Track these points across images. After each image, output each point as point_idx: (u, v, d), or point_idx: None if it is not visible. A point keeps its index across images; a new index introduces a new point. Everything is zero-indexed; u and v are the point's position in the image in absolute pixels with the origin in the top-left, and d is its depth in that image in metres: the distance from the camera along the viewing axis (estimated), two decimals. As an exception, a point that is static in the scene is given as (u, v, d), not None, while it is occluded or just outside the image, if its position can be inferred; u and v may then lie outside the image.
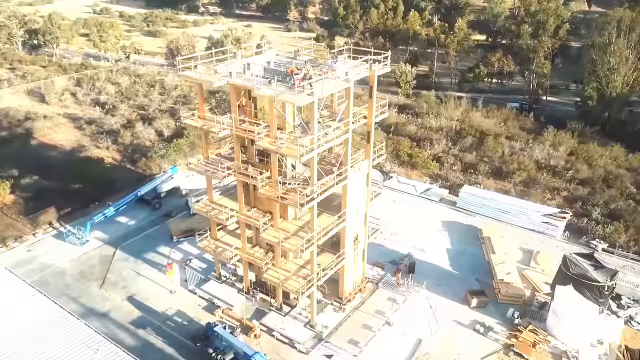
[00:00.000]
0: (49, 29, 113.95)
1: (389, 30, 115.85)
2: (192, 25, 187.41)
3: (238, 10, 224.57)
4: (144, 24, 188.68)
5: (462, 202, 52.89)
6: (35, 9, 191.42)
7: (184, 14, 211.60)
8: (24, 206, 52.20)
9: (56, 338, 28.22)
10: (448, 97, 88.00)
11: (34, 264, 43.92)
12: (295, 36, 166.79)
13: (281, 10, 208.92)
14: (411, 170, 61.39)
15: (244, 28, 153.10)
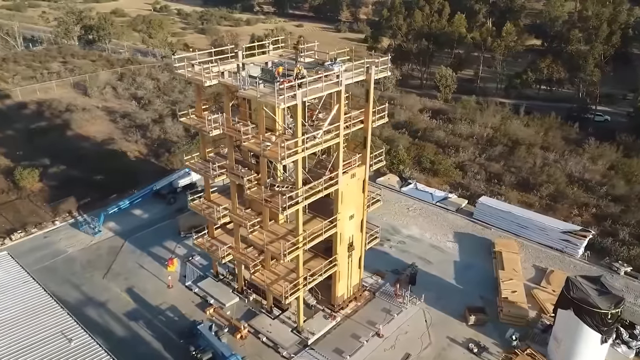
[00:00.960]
0: (102, 25, 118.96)
1: (434, 32, 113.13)
2: (244, 24, 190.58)
3: (291, 10, 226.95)
4: (198, 21, 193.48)
5: (479, 213, 50.75)
6: (97, 5, 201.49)
7: (238, 13, 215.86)
8: (49, 194, 54.62)
9: (36, 325, 29.15)
10: (488, 103, 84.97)
11: (48, 250, 45.80)
12: (344, 37, 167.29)
13: (333, 10, 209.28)
14: (432, 178, 59.56)
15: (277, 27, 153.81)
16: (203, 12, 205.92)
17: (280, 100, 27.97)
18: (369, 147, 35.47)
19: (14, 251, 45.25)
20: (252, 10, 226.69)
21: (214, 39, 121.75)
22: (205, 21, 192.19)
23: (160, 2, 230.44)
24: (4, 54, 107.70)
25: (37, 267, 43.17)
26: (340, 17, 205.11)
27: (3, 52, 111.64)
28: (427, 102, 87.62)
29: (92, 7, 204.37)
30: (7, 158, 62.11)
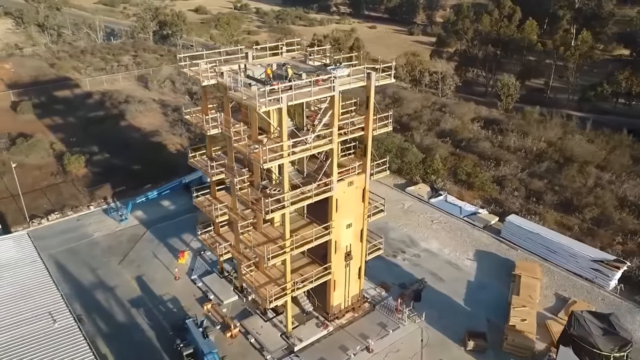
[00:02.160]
0: (175, 22, 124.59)
1: (502, 38, 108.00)
2: (317, 24, 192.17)
3: (367, 12, 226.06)
4: (274, 20, 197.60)
5: (506, 232, 47.79)
6: (180, 3, 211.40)
7: (314, 13, 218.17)
8: (91, 180, 58.00)
9: (29, 303, 31.05)
10: (552, 115, 79.73)
11: (77, 233, 48.61)
12: (416, 40, 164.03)
13: (408, 13, 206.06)
14: (467, 191, 56.81)
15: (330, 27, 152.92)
16: (280, 11, 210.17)
17: (261, 103, 27.74)
18: (369, 155, 34.34)
19: (47, 231, 48.84)
20: (328, 10, 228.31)
21: (278, 38, 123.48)
22: (280, 20, 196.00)
23: (241, 1, 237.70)
24: (84, 47, 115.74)
25: (62, 248, 46.11)
26: (416, 20, 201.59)
27: (85, 44, 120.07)
28: (483, 110, 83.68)
29: (175, 5, 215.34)
30: (62, 143, 66.77)
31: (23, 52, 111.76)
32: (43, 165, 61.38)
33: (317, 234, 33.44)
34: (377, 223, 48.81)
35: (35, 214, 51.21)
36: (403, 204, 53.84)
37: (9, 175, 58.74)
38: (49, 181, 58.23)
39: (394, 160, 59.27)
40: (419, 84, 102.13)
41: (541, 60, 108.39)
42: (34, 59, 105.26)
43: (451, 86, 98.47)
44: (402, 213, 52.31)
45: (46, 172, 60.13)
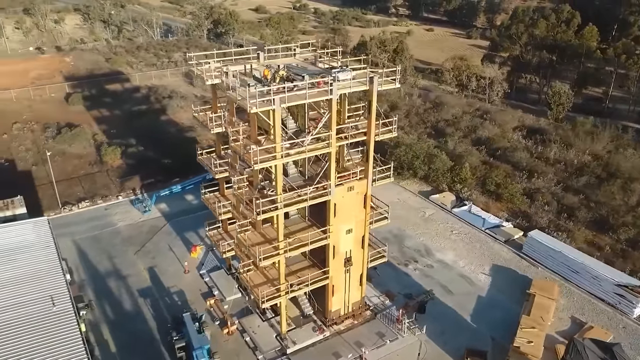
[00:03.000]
0: (228, 20, 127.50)
1: (558, 44, 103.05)
2: (374, 25, 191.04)
3: (426, 14, 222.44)
4: (330, 21, 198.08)
5: (528, 248, 45.55)
6: (242, 1, 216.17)
7: (372, 14, 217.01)
8: (124, 171, 60.37)
9: (34, 286, 32.64)
10: (606, 127, 75.28)
11: (101, 222, 50.73)
12: (473, 43, 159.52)
13: (468, 16, 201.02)
14: (494, 202, 54.60)
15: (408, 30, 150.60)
16: (337, 12, 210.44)
17: (252, 104, 27.80)
18: (371, 160, 33.68)
19: (76, 218, 51.27)
20: (387, 12, 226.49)
21: (325, 39, 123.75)
22: (337, 21, 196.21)
23: (300, 1, 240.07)
24: (140, 43, 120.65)
25: (86, 235, 48.27)
26: (475, 23, 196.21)
27: (142, 41, 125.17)
28: (528, 119, 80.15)
29: (236, 3, 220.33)
30: (104, 134, 69.91)
31: (84, 47, 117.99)
32: (83, 155, 64.50)
33: (313, 237, 33.15)
34: (393, 230, 48.24)
35: (68, 201, 53.88)
36: (424, 212, 52.47)
37: (50, 163, 62.29)
38: (86, 170, 61.13)
39: (421, 167, 57.90)
40: (466, 89, 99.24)
41: (600, 68, 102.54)
42: (92, 53, 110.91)
43: (499, 92, 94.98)
44: (421, 221, 50.99)
45: (85, 161, 63.16)
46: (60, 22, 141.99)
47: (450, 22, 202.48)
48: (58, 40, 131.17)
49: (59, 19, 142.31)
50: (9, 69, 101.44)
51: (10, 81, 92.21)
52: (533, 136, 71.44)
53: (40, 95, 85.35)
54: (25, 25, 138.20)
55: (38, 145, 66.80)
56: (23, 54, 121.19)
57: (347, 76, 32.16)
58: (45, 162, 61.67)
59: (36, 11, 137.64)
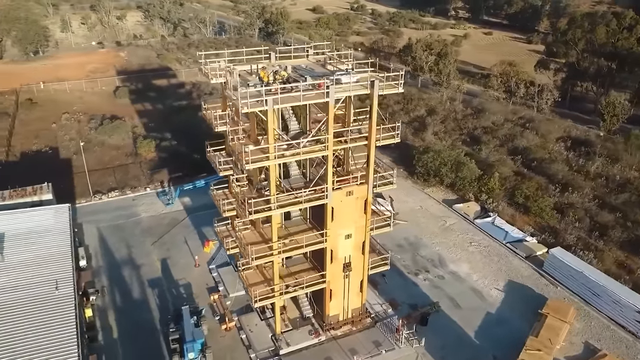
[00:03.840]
0: (278, 20, 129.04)
1: (619, 51, 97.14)
2: (430, 28, 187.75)
3: (486, 17, 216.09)
4: (386, 22, 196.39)
5: (549, 266, 43.24)
6: (300, 1, 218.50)
7: (430, 16, 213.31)
8: (156, 164, 62.39)
9: (43, 269, 34.41)
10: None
11: (127, 211, 52.64)
12: (533, 49, 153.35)
13: (531, 19, 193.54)
14: (522, 215, 52.21)
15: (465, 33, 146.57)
16: (394, 13, 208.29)
17: (243, 104, 27.93)
18: (371, 166, 33.01)
19: (104, 206, 53.51)
20: (445, 14, 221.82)
21: (373, 40, 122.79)
22: (393, 22, 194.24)
23: (359, 2, 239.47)
24: (192, 40, 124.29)
25: (110, 224, 50.24)
26: (538, 28, 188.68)
27: (194, 38, 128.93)
28: (575, 130, 76.17)
29: (294, 3, 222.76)
30: (143, 128, 72.55)
31: (139, 42, 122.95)
32: (121, 146, 67.19)
33: (309, 240, 32.94)
34: (409, 237, 47.28)
35: (99, 190, 56.30)
36: (445, 221, 50.94)
37: (89, 153, 65.34)
38: (121, 161, 63.65)
39: (448, 174, 56.24)
40: (514, 95, 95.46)
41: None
42: (146, 49, 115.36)
43: (548, 101, 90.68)
44: (440, 230, 49.53)
45: (122, 152, 65.78)
46: (122, 18, 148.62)
47: (512, 26, 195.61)
48: (118, 36, 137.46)
49: (121, 16, 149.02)
50: (69, 62, 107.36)
51: (68, 73, 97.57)
52: (577, 148, 67.79)
53: (92, 88, 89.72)
54: (90, 21, 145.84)
55: (82, 135, 70.15)
56: (85, 47, 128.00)
57: (350, 79, 31.67)
58: (87, 151, 64.87)
59: (101, 8, 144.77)
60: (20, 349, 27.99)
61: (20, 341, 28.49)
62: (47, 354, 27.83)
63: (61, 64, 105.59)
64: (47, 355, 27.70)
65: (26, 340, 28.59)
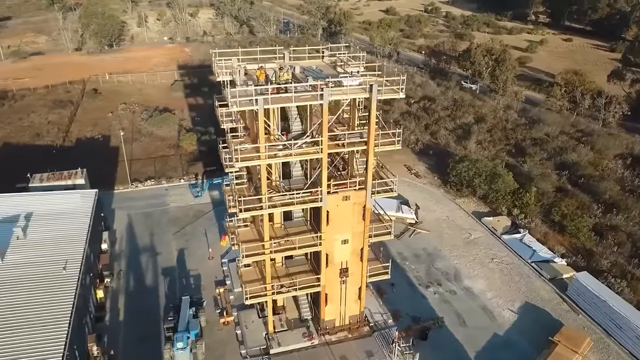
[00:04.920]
0: (340, 20, 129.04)
1: None
2: (505, 32, 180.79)
3: (568, 22, 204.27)
4: (459, 26, 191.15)
5: (573, 291, 40.25)
6: (375, 3, 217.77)
7: (507, 20, 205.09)
8: (195, 156, 64.45)
9: (56, 248, 36.52)
10: None
11: (158, 200, 54.78)
12: (615, 57, 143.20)
13: (618, 27, 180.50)
14: (556, 234, 48.96)
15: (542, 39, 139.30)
16: (469, 16, 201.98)
17: (233, 102, 28.19)
18: (370, 171, 32.16)
19: (138, 194, 56.10)
20: (524, 19, 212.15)
21: (435, 44, 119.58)
22: (466, 26, 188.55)
23: (434, 4, 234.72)
24: (254, 38, 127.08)
25: (140, 211, 52.49)
26: (625, 35, 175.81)
27: (259, 36, 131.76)
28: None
29: (368, 4, 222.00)
30: (191, 121, 75.22)
31: (205, 39, 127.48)
32: (167, 138, 70.04)
33: (303, 242, 32.74)
34: (428, 248, 46.08)
35: (138, 178, 59.01)
36: (470, 234, 48.79)
37: (137, 142, 68.70)
38: (164, 152, 66.33)
39: (481, 186, 53.80)
40: (578, 106, 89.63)
41: None
42: (209, 45, 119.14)
43: (616, 113, 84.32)
44: (463, 243, 47.49)
45: (166, 143, 68.54)
46: (195, 15, 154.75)
47: (595, 32, 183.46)
48: (189, 32, 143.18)
49: (194, 13, 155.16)
50: (137, 55, 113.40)
51: (134, 66, 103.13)
52: (638, 167, 62.56)
53: (153, 81, 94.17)
54: (165, 17, 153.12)
55: (133, 125, 73.90)
56: (157, 42, 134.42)
57: (352, 82, 31.09)
58: (135, 141, 68.31)
59: (175, 4, 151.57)
60: (14, 321, 29.94)
61: (17, 314, 30.47)
62: (38, 328, 29.57)
63: (130, 57, 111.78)
64: (38, 330, 29.43)
65: (22, 313, 30.53)
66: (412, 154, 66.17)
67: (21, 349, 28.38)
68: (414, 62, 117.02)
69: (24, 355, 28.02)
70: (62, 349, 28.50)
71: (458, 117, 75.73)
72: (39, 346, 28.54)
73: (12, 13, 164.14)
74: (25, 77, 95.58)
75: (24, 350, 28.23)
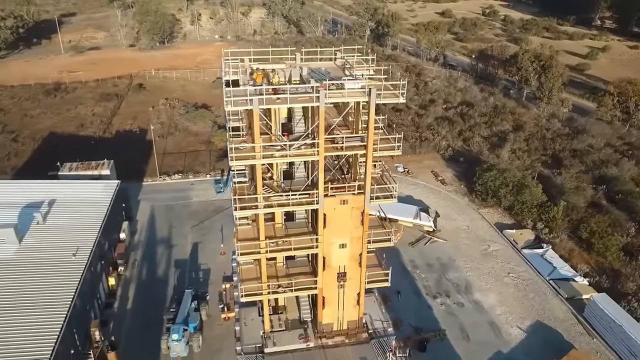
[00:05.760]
0: (388, 22, 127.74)
1: None
2: (565, 37, 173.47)
3: (637, 28, 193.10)
4: (517, 30, 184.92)
5: (589, 313, 38.01)
6: (433, 5, 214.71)
7: (569, 25, 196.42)
8: (224, 153, 65.57)
9: (70, 234, 38.10)
10: None
11: (182, 194, 56.20)
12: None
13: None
14: (582, 251, 46.42)
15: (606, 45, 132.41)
16: (528, 20, 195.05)
17: (227, 102, 28.50)
18: (369, 176, 31.62)
19: (165, 187, 57.88)
20: (589, 23, 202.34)
21: (483, 48, 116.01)
22: (524, 30, 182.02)
23: (493, 7, 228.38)
24: (299, 38, 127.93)
25: (163, 204, 54.08)
26: None
27: (307, 36, 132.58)
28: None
29: (424, 6, 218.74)
30: (223, 118, 76.58)
31: (249, 38, 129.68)
32: (200, 133, 71.78)
33: (299, 243, 32.67)
34: (442, 257, 45.20)
35: (167, 172, 60.79)
36: (488, 246, 47.08)
37: (171, 137, 70.79)
38: (195, 147, 67.99)
39: (506, 197, 51.79)
40: (631, 117, 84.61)
41: None
42: (255, 44, 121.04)
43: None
44: (480, 255, 45.90)
45: (198, 139, 70.25)
46: (247, 14, 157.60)
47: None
48: (240, 31, 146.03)
49: (246, 12, 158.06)
50: (185, 53, 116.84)
51: (180, 63, 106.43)
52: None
53: (196, 78, 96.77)
54: (218, 16, 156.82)
55: (171, 119, 76.18)
56: (208, 40, 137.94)
57: (354, 85, 30.71)
58: (170, 135, 70.41)
59: (228, 3, 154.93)
60: (18, 300, 31.59)
61: (22, 294, 32.08)
62: (40, 308, 31.05)
63: (178, 54, 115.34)
64: (39, 310, 30.91)
65: (27, 294, 32.11)
66: (441, 160, 64.60)
67: (20, 326, 29.88)
68: (462, 66, 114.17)
69: (22, 332, 29.50)
70: (59, 330, 29.75)
71: (495, 124, 73.17)
72: (37, 324, 29.98)
73: (78, 9, 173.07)
74: (79, 71, 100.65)
75: (22, 329, 29.68)
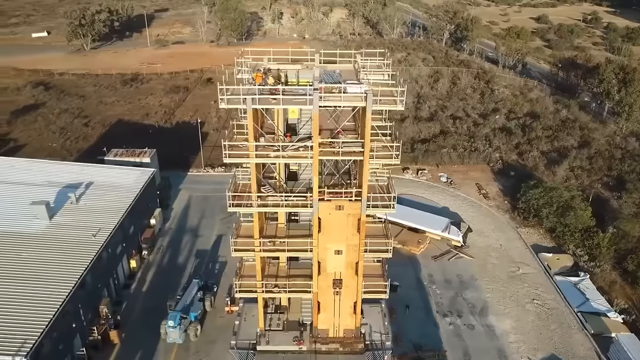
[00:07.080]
0: (467, 25, 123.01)
1: None
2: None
3: None
4: (619, 39, 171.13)
5: (614, 352, 34.35)
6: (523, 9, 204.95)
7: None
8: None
9: (94, 216, 40.48)
10: None
11: (220, 186, 56.05)
12: None
13: None
14: (625, 284, 41.96)
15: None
16: (634, 29, 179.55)
17: (221, 100, 28.92)
18: (365, 183, 30.72)
19: (207, 178, 60.17)
20: None
21: (567, 56, 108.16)
22: (627, 39, 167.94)
23: (596, 13, 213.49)
24: (371, 40, 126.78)
25: (201, 194, 56.03)
26: None
27: (385, 38, 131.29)
28: None
29: (519, 10, 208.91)
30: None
31: (323, 38, 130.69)
32: (252, 129, 73.27)
33: (294, 245, 32.51)
34: (464, 275, 43.56)
35: (212, 164, 62.85)
36: (518, 268, 43.98)
37: (224, 130, 72.84)
38: (245, 142, 69.50)
39: (549, 217, 48.06)
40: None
41: None
42: (326, 44, 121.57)
43: None
44: (506, 277, 42.99)
45: (250, 135, 71.75)
46: (327, 14, 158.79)
47: None
48: (320, 31, 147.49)
49: (327, 12, 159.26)
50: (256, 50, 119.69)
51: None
52: None
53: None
54: (299, 15, 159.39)
55: (228, 114, 78.48)
56: (286, 39, 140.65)
57: (357, 90, 30.01)
58: (224, 128, 72.54)
59: (310, 3, 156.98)
60: (30, 271, 34.16)
61: (35, 266, 34.60)
62: (49, 281, 33.38)
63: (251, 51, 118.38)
64: (48, 282, 33.24)
65: (40, 267, 34.58)
66: (490, 172, 61.22)
67: (26, 296, 32.26)
68: (543, 76, 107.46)
69: (27, 299, 31.89)
70: (61, 302, 31.80)
71: (559, 139, 68.02)
72: (41, 296, 32.26)
73: (171, 5, 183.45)
74: (158, 63, 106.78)
75: (28, 298, 32.05)
